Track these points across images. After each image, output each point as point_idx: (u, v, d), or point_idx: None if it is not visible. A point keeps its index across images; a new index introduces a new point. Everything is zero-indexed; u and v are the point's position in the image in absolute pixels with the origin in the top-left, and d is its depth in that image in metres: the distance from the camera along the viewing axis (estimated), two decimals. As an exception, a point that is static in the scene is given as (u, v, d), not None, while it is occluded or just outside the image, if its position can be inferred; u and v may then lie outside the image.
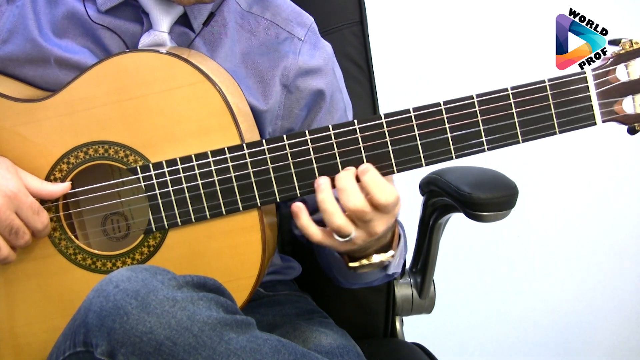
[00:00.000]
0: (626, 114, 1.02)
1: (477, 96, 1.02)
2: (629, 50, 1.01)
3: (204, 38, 1.21)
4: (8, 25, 1.18)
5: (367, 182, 1.02)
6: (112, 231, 1.20)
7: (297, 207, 1.04)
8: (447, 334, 2.25)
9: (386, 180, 1.03)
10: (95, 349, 0.93)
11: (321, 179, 1.04)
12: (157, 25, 1.16)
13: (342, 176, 1.03)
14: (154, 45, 1.16)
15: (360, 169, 1.03)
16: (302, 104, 1.25)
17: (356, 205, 1.01)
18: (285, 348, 0.98)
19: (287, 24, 1.25)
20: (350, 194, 1.01)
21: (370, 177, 1.02)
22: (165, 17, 1.16)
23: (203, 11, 1.19)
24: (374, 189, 1.01)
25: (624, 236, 2.32)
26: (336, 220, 1.02)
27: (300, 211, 1.04)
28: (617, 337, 2.41)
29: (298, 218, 1.04)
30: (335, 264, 1.19)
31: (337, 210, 1.02)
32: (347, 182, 1.02)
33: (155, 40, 1.16)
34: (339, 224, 1.02)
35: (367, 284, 1.25)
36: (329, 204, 1.02)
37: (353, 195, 1.01)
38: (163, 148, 1.08)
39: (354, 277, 1.20)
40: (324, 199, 1.02)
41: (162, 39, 1.17)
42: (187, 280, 0.97)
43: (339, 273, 1.23)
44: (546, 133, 1.02)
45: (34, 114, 1.11)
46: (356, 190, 1.02)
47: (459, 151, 1.03)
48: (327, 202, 1.02)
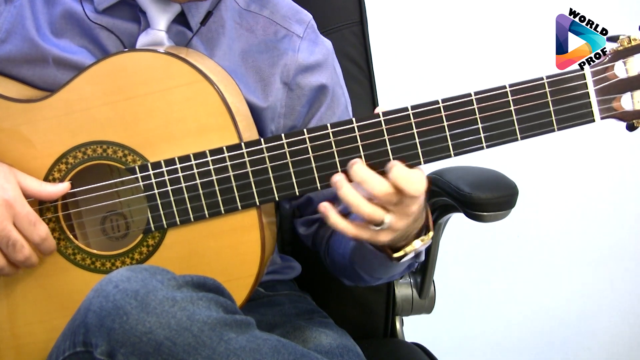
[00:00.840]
0: (625, 110, 1.02)
1: (475, 94, 1.02)
2: (627, 46, 1.01)
3: (201, 37, 1.21)
4: (6, 26, 1.18)
5: (395, 179, 1.00)
6: (111, 231, 1.20)
7: (324, 207, 1.03)
8: (447, 334, 2.25)
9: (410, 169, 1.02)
10: (95, 349, 0.93)
11: (336, 176, 1.02)
12: (155, 23, 1.17)
13: (358, 169, 1.02)
14: (151, 44, 1.16)
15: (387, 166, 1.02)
16: (304, 101, 1.25)
17: (382, 190, 1.00)
18: (285, 348, 0.97)
19: (286, 21, 1.25)
20: (373, 182, 1.00)
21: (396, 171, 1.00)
22: (162, 16, 1.16)
23: (200, 10, 1.19)
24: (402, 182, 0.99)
25: (625, 235, 2.32)
26: (364, 209, 1.01)
27: (327, 210, 1.03)
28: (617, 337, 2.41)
29: (328, 217, 1.03)
30: (368, 257, 1.16)
31: (362, 200, 1.01)
32: (365, 173, 1.01)
33: (153, 39, 1.16)
34: (369, 212, 1.01)
35: (390, 278, 1.25)
36: (352, 196, 1.01)
37: (377, 182, 1.00)
38: (161, 148, 1.08)
39: (386, 270, 1.18)
40: (346, 193, 1.01)
41: (159, 38, 1.17)
42: (186, 280, 0.97)
43: (369, 267, 1.20)
44: (545, 130, 1.02)
45: (32, 114, 1.11)
46: (376, 176, 1.01)
47: (458, 149, 1.03)
48: (350, 195, 1.01)
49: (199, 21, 1.20)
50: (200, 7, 1.19)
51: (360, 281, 1.27)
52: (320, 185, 1.06)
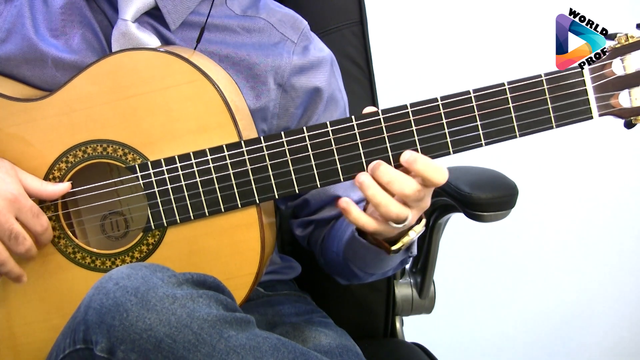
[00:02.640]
0: (623, 107, 1.02)
1: (474, 91, 1.02)
2: (624, 44, 1.01)
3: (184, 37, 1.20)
4: (6, 25, 1.18)
5: (420, 170, 1.00)
6: (111, 230, 1.20)
7: (345, 203, 1.02)
8: (447, 334, 2.25)
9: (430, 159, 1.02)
10: (95, 346, 0.93)
11: (361, 176, 1.02)
12: (122, 12, 1.15)
13: (384, 170, 1.01)
14: (120, 36, 1.15)
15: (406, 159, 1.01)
16: (298, 103, 1.25)
17: (413, 188, 1.00)
18: (285, 346, 0.97)
19: (281, 25, 1.24)
20: (403, 181, 1.00)
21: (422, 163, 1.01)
22: (129, 4, 1.15)
23: (179, 7, 1.18)
24: (429, 173, 1.00)
25: (625, 235, 2.32)
26: (394, 209, 1.01)
27: (348, 206, 1.02)
28: (618, 338, 2.41)
29: (349, 213, 1.03)
30: (361, 253, 1.16)
31: (391, 199, 1.01)
32: (393, 173, 1.01)
33: (119, 30, 1.15)
34: (397, 212, 1.01)
35: (383, 274, 1.25)
36: (381, 196, 1.01)
37: (407, 182, 1.00)
38: (161, 146, 1.08)
39: (380, 265, 1.19)
40: (375, 193, 1.01)
41: (126, 28, 1.15)
42: (186, 277, 0.97)
43: (362, 263, 1.20)
44: (543, 127, 1.02)
45: (32, 113, 1.11)
46: (405, 175, 1.01)
47: (457, 146, 1.03)
48: (378, 195, 1.01)
49: (178, 21, 1.18)
50: (179, 4, 1.18)
51: (354, 278, 1.27)
52: (320, 183, 1.06)
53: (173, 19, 1.18)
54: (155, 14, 1.18)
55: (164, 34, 1.19)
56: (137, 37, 1.15)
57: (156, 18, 1.19)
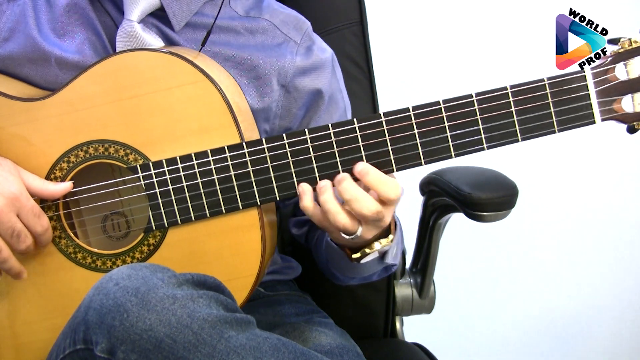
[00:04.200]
0: (625, 112, 1.02)
1: (476, 95, 1.02)
2: (628, 49, 1.01)
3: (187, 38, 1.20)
4: (9, 24, 1.18)
5: (371, 183, 1.02)
6: (112, 230, 1.20)
7: (301, 189, 1.05)
8: (447, 334, 2.25)
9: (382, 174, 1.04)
10: (95, 347, 0.93)
11: (322, 182, 1.04)
12: (127, 13, 1.15)
13: (347, 186, 1.02)
14: (125, 37, 1.15)
15: (359, 170, 1.03)
16: (300, 104, 1.25)
17: (371, 209, 1.01)
18: (285, 346, 0.97)
19: (284, 26, 1.24)
20: (363, 201, 1.01)
21: (373, 177, 1.02)
22: (134, 5, 1.15)
23: (184, 7, 1.18)
24: (380, 187, 1.02)
25: (625, 235, 2.32)
26: (340, 219, 1.02)
27: (304, 193, 1.04)
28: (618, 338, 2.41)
29: (301, 200, 1.04)
30: (335, 257, 1.18)
31: (340, 210, 1.02)
32: (356, 191, 1.02)
33: (125, 30, 1.15)
34: (344, 223, 1.02)
35: (365, 279, 1.25)
36: (332, 204, 1.03)
37: (367, 202, 1.01)
38: (163, 147, 1.08)
39: (353, 271, 1.20)
40: (327, 199, 1.03)
41: (131, 29, 1.15)
42: (187, 278, 0.97)
43: (338, 267, 1.22)
44: (545, 131, 1.02)
45: (34, 113, 1.11)
46: (367, 195, 1.02)
47: (459, 150, 1.03)
48: (330, 202, 1.03)
49: (182, 22, 1.18)
50: (184, 5, 1.18)
51: (337, 280, 1.29)
52: (322, 185, 1.06)
53: (178, 20, 1.18)
54: (160, 14, 1.18)
55: (168, 34, 1.19)
56: (142, 37, 1.15)
57: (160, 19, 1.19)
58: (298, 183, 1.06)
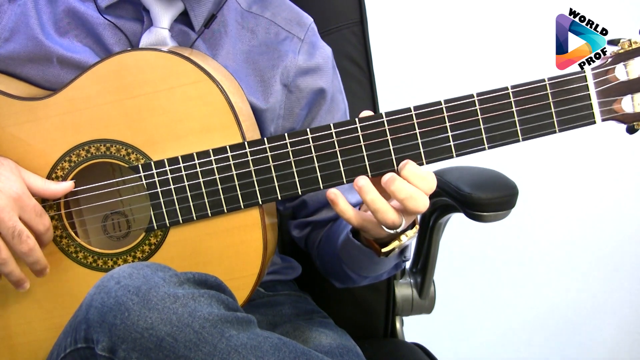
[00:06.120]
0: (625, 112, 1.02)
1: (477, 95, 1.02)
2: (628, 49, 1.01)
3: (204, 38, 1.21)
4: (10, 24, 1.18)
5: (408, 176, 1.01)
6: (112, 230, 1.20)
7: (333, 194, 1.03)
8: (447, 334, 2.26)
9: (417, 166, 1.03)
10: (96, 345, 0.93)
11: (360, 180, 1.02)
12: (158, 21, 1.17)
13: (402, 186, 1.00)
14: (155, 44, 1.17)
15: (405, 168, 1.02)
16: (303, 104, 1.25)
17: (427, 205, 1.01)
18: (286, 346, 0.97)
19: (287, 23, 1.25)
20: (419, 199, 1.00)
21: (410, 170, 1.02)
22: (165, 14, 1.17)
23: (203, 9, 1.19)
24: (420, 183, 1.01)
25: (624, 236, 2.33)
26: (390, 216, 1.01)
27: (337, 197, 1.03)
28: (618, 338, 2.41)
29: (336, 204, 1.03)
30: (357, 255, 1.16)
31: (389, 207, 1.01)
32: (410, 189, 1.00)
33: (157, 37, 1.17)
34: (393, 219, 1.01)
35: (376, 278, 1.25)
36: (380, 202, 1.01)
37: (423, 199, 1.00)
38: (164, 146, 1.09)
39: (375, 267, 1.19)
40: (374, 199, 1.01)
41: (162, 36, 1.17)
42: (188, 277, 0.97)
43: (357, 266, 1.21)
44: (546, 132, 1.02)
45: (35, 112, 1.11)
46: (421, 193, 1.01)
47: (460, 149, 1.03)
48: (377, 201, 1.01)
49: (202, 21, 1.20)
50: (203, 5, 1.19)
51: (349, 281, 1.28)
52: (323, 185, 1.06)
53: (198, 22, 1.20)
54: (181, 19, 1.20)
55: (191, 35, 1.21)
56: (170, 44, 1.17)
57: (182, 22, 1.21)
58: (299, 183, 1.06)
